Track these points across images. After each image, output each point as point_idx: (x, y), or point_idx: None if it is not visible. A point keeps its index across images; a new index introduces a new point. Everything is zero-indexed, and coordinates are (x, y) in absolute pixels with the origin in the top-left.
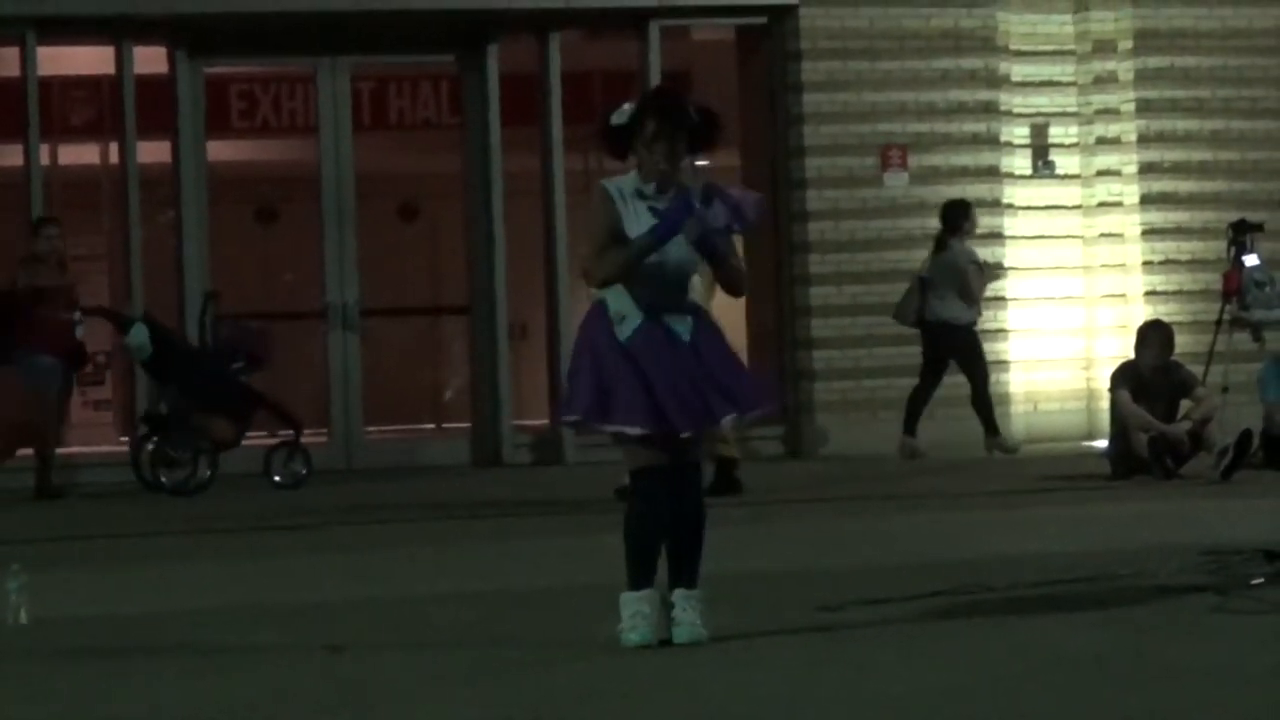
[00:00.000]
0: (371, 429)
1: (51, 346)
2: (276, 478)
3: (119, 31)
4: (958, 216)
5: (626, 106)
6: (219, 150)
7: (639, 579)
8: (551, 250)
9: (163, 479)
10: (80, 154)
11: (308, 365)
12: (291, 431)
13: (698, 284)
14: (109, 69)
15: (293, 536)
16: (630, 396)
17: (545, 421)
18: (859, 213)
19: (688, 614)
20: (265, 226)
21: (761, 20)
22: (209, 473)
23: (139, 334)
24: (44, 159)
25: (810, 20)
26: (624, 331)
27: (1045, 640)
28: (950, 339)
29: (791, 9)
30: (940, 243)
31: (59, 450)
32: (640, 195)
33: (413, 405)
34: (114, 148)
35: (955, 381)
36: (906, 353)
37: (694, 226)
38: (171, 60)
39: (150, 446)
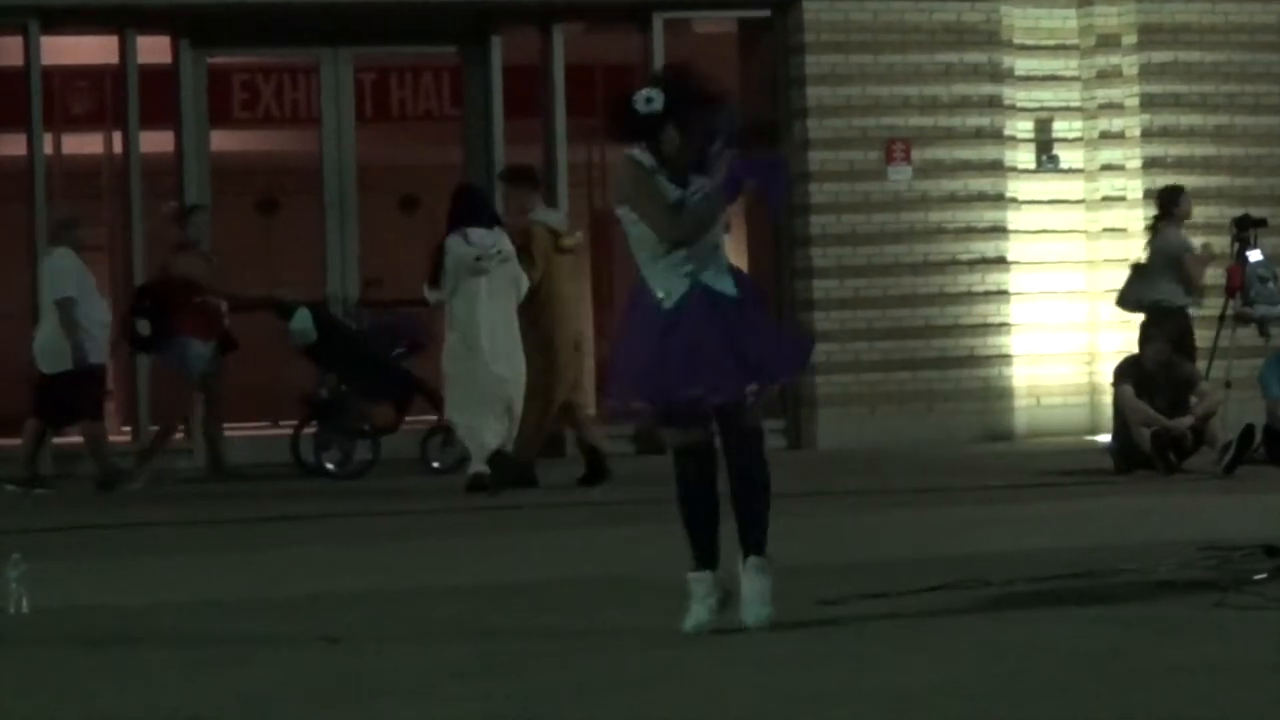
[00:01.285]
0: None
1: (204, 333)
2: (435, 464)
3: (122, 21)
4: (1169, 201)
5: (653, 95)
6: (221, 140)
7: (695, 558)
8: None
9: (327, 465)
10: (83, 143)
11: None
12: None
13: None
14: (112, 59)
15: (290, 528)
16: (669, 370)
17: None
18: (861, 206)
19: (753, 587)
20: (267, 217)
21: (765, 13)
22: (370, 457)
23: (303, 320)
24: (47, 148)
25: (814, 13)
26: (668, 303)
27: (1045, 635)
28: (1165, 322)
29: (795, 2)
30: (1153, 228)
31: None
32: (660, 169)
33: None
34: (117, 137)
35: (958, 374)
36: (907, 346)
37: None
38: (175, 50)
39: (311, 431)
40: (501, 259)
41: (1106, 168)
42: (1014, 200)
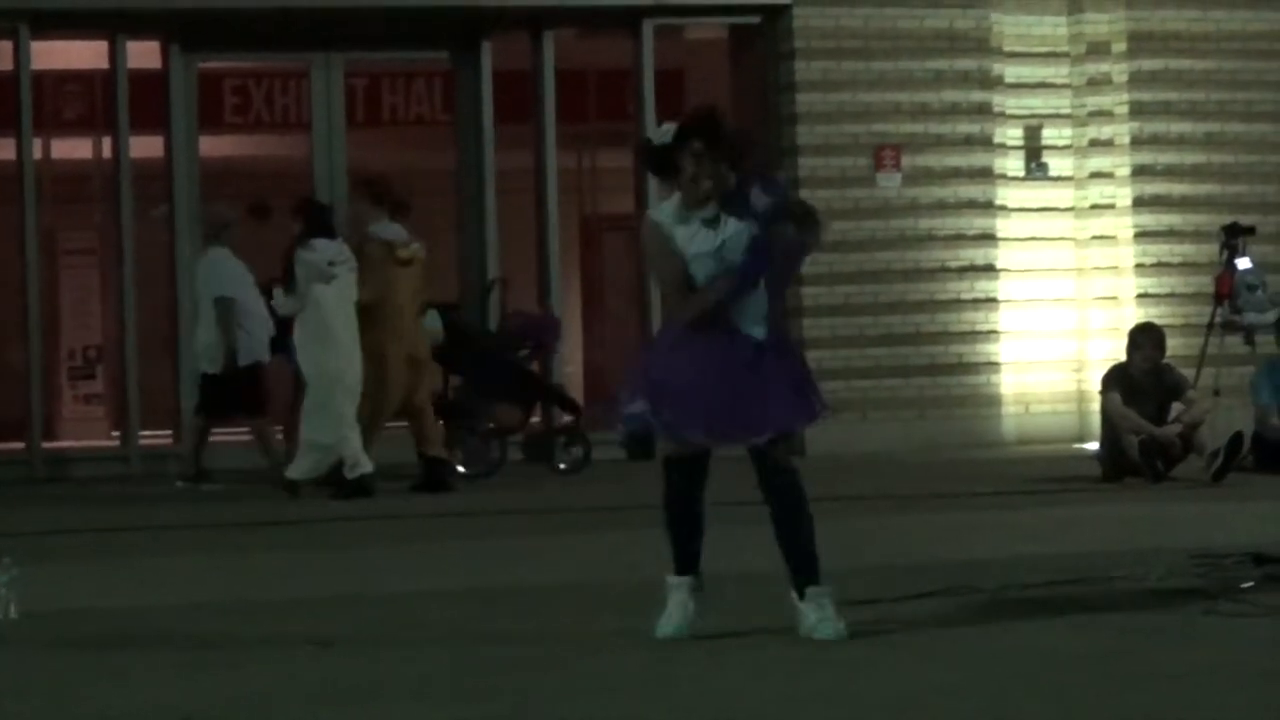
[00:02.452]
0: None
1: None
2: (561, 465)
3: (113, 26)
4: None
5: (666, 126)
6: (212, 145)
7: (675, 563)
8: (543, 248)
9: (457, 466)
10: (73, 148)
11: None
12: (572, 417)
13: None
14: (102, 63)
15: (281, 532)
16: (688, 400)
17: (537, 421)
18: (851, 213)
19: (822, 614)
20: (257, 222)
21: (755, 19)
22: (497, 456)
23: (433, 320)
24: (37, 153)
25: (804, 20)
26: (700, 340)
27: (1035, 642)
28: None
29: (785, 8)
30: None
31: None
32: (688, 213)
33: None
34: (107, 142)
35: (947, 382)
36: (897, 353)
37: (779, 245)
38: (165, 55)
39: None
40: (349, 268)
41: (1096, 175)
42: (1003, 207)
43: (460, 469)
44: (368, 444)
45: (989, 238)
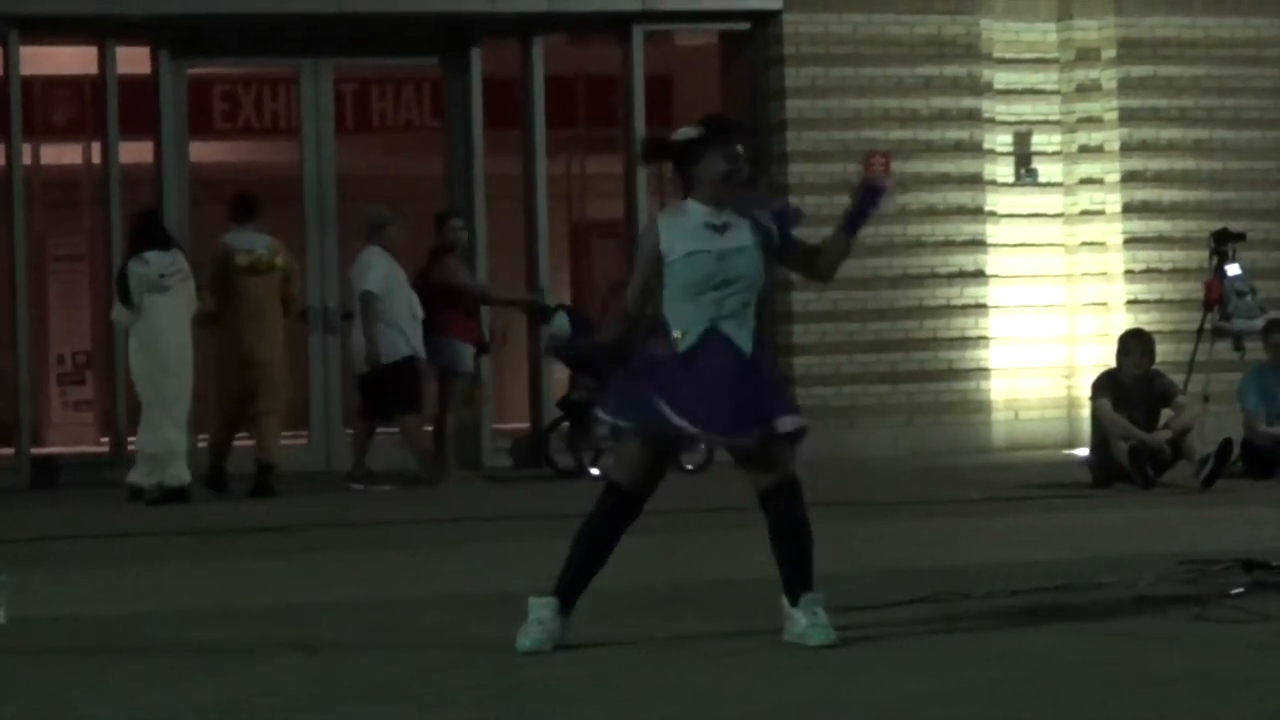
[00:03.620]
0: (350, 431)
1: (466, 335)
2: (689, 466)
3: (102, 31)
4: None
5: (685, 130)
6: (201, 151)
7: (559, 585)
8: (533, 254)
9: (589, 467)
10: (62, 154)
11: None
12: None
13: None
14: (92, 69)
15: (270, 538)
16: (672, 399)
17: (526, 425)
18: (835, 220)
19: (815, 619)
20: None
21: (745, 25)
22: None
23: (561, 322)
24: (26, 158)
25: (794, 26)
26: (684, 344)
27: (1024, 648)
28: None
29: (775, 14)
30: None
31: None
32: (692, 215)
33: None
34: (96, 147)
35: (937, 388)
36: (886, 359)
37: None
38: (154, 61)
39: (561, 432)
40: (182, 278)
41: (1085, 181)
42: (993, 214)
43: (594, 471)
44: (215, 448)
45: (978, 243)
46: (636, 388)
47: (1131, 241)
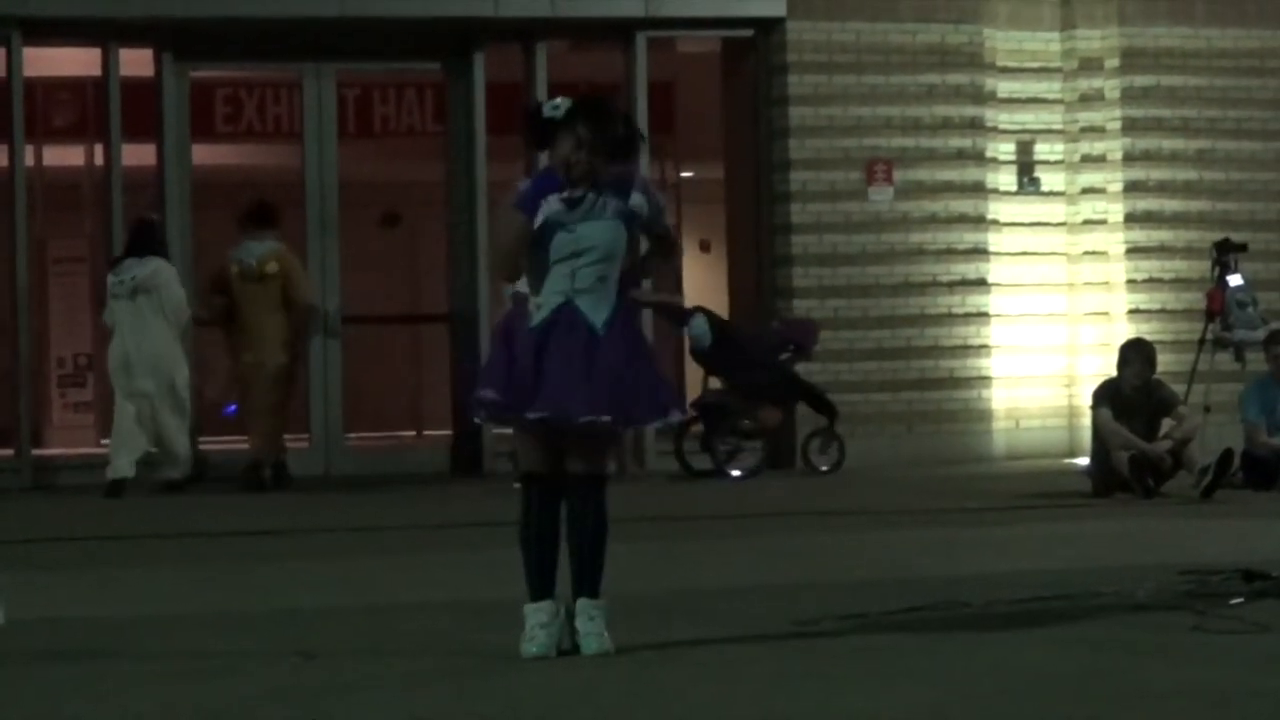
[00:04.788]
0: (351, 435)
1: None
2: (823, 467)
3: (105, 34)
4: None
5: (559, 101)
6: (203, 154)
7: (534, 589)
8: None
9: (729, 469)
10: (64, 156)
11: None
12: (826, 419)
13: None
14: (95, 71)
15: (267, 543)
16: (526, 382)
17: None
18: (843, 227)
19: (594, 624)
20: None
21: (748, 33)
22: (759, 458)
23: (700, 325)
24: (28, 160)
25: (797, 34)
26: (536, 318)
27: (1022, 658)
28: None
29: (778, 22)
30: None
31: None
32: (553, 189)
33: (393, 412)
34: (98, 150)
35: (938, 396)
36: (886, 368)
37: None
38: (158, 64)
39: (697, 432)
40: (153, 287)
41: (1088, 191)
42: (995, 222)
43: (735, 472)
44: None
45: (980, 252)
46: (494, 367)
47: (1133, 251)
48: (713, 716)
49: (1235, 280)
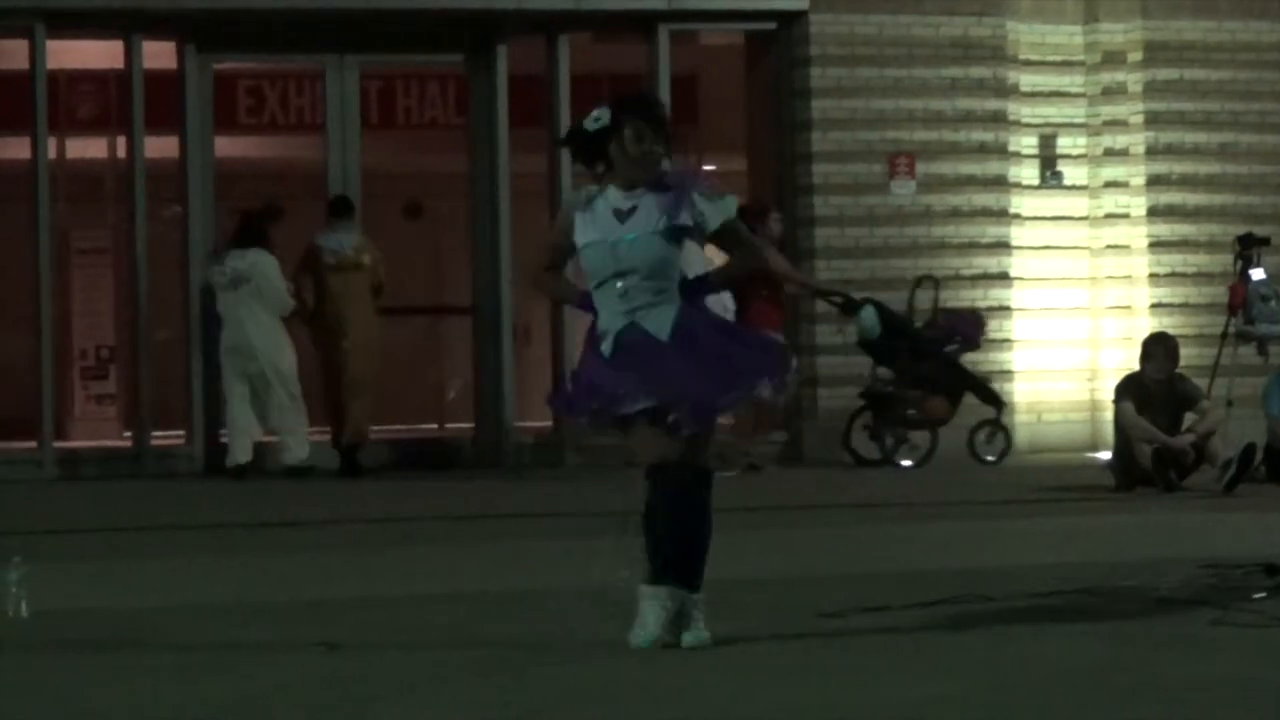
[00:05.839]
0: (374, 428)
1: (775, 325)
2: (989, 458)
3: (128, 26)
4: None
5: (598, 112)
6: (226, 146)
7: (653, 572)
8: None
9: (898, 459)
10: (87, 148)
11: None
12: (995, 410)
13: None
14: (118, 63)
15: (292, 534)
16: (623, 388)
17: (548, 424)
18: (865, 220)
19: (693, 617)
20: (271, 224)
21: (770, 26)
22: (928, 448)
23: (869, 316)
24: (51, 152)
25: (819, 26)
26: (606, 349)
27: (1044, 651)
28: None
29: (801, 15)
30: None
31: None
32: (603, 200)
33: (416, 404)
34: (121, 142)
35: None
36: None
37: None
38: (180, 56)
39: (864, 422)
40: (232, 276)
41: (1110, 184)
42: (1017, 216)
43: (905, 462)
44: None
45: (1003, 246)
46: (582, 382)
47: (1156, 245)
48: (730, 709)
49: (1258, 274)
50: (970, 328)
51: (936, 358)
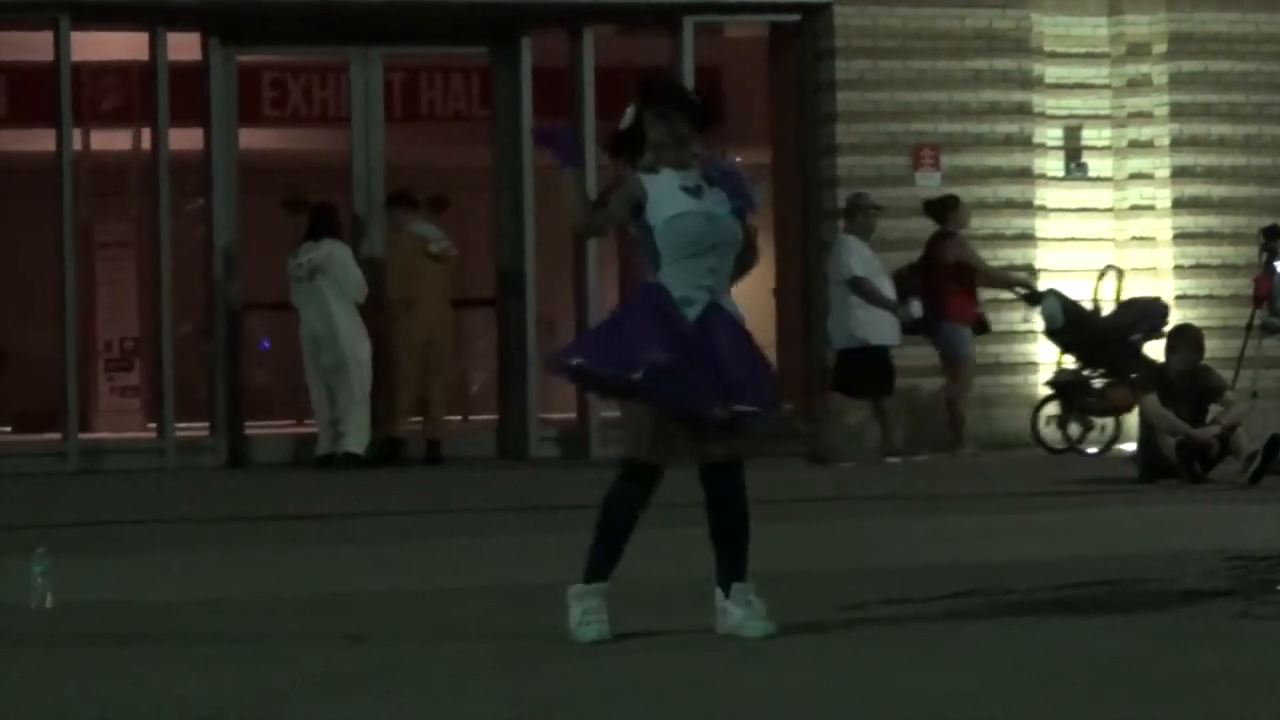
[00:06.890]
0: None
1: (966, 316)
2: (1090, 450)
3: (153, 18)
4: None
5: (627, 111)
6: (250, 139)
7: (595, 571)
8: (580, 245)
9: (1084, 447)
10: (112, 140)
11: None
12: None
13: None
14: (142, 55)
15: (315, 526)
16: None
17: (573, 416)
18: (889, 212)
19: (752, 610)
20: (294, 216)
21: (795, 18)
22: (1113, 436)
23: (1052, 306)
24: (76, 144)
25: (844, 18)
26: (692, 313)
27: (1066, 644)
28: None
29: (825, 7)
30: None
31: None
32: (667, 178)
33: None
34: (146, 134)
35: (984, 381)
36: (932, 353)
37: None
38: (205, 48)
39: (1052, 411)
40: (309, 268)
41: (1135, 176)
42: (1042, 208)
43: (1091, 450)
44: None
45: (1028, 238)
46: (633, 341)
47: (1181, 237)
48: (752, 702)
49: None
50: (1155, 317)
51: (1121, 347)
